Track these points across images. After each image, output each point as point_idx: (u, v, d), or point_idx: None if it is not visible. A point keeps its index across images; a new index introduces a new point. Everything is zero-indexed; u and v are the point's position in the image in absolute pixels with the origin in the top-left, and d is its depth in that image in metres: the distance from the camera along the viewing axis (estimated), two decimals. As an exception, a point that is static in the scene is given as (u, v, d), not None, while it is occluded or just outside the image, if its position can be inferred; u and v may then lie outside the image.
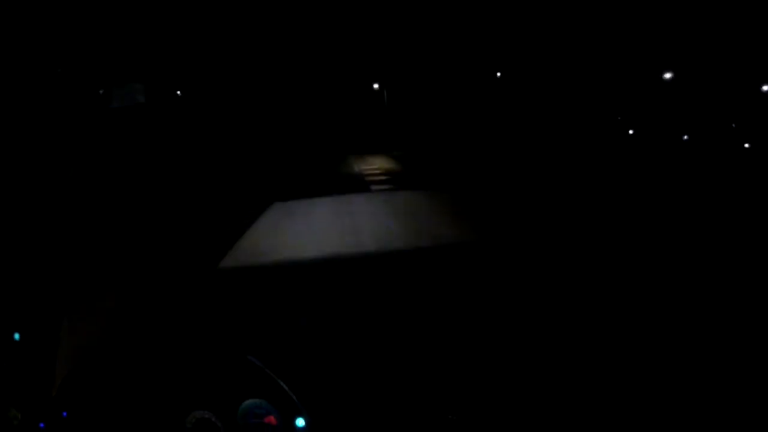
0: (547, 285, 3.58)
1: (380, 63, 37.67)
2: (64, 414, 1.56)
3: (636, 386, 2.31)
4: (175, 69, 32.63)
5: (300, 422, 1.59)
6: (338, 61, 37.25)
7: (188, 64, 33.25)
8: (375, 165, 22.96)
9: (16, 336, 2.09)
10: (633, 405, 2.22)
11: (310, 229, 7.90)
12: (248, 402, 1.62)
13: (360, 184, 15.28)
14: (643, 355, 2.57)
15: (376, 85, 37.04)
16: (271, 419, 1.56)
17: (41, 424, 1.65)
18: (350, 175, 18.83)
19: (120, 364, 1.79)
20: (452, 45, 40.06)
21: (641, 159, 18.32)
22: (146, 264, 5.28)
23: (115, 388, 1.68)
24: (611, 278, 3.77)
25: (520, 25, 40.60)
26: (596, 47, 35.58)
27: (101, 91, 22.64)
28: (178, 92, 40.39)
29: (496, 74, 43.80)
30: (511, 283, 3.63)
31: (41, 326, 2.36)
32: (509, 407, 2.18)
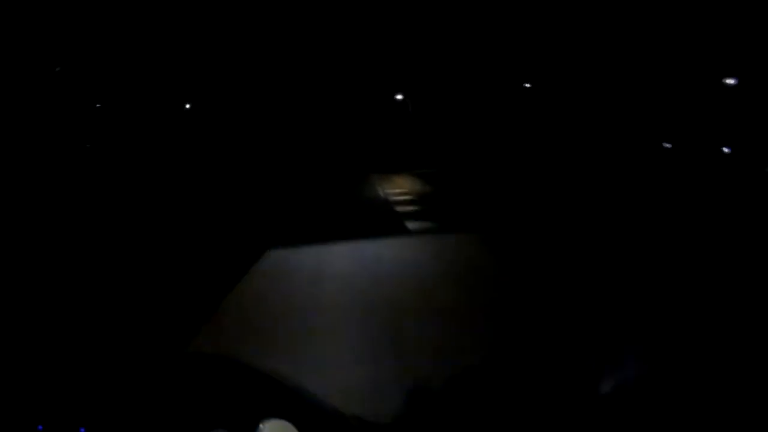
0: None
1: (404, 70, 34.52)
2: (82, 430, 1.43)
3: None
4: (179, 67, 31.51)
5: None
6: (356, 68, 34.30)
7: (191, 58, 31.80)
8: (402, 186, 19.79)
9: None
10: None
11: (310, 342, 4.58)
12: (269, 422, 1.39)
13: (389, 217, 12.08)
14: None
15: (399, 96, 33.87)
16: None
17: (39, 427, 1.49)
18: (375, 201, 15.69)
19: (134, 381, 1.70)
20: (481, 50, 36.84)
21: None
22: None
23: (130, 405, 1.56)
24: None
25: (555, 33, 37.35)
26: (639, 58, 32.16)
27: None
28: (187, 105, 38.55)
29: (524, 84, 40.54)
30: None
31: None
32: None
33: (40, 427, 1.47)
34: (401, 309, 5.04)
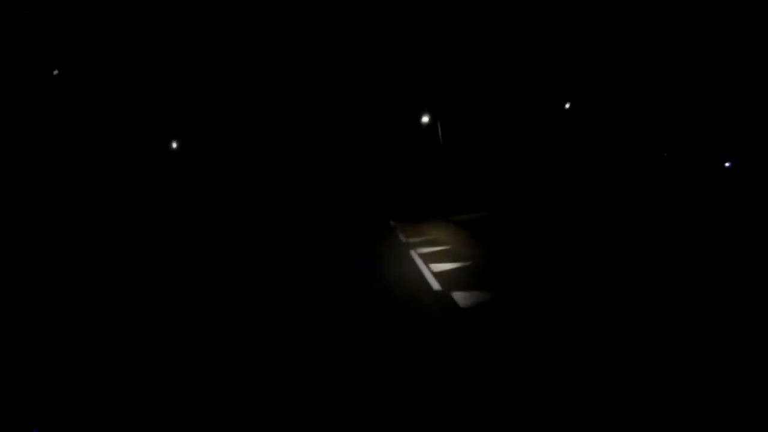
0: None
1: (432, 84, 26.21)
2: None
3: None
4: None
5: None
6: (372, 81, 26.44)
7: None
8: (446, 253, 11.13)
9: None
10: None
11: None
12: None
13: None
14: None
15: (425, 118, 25.47)
16: None
17: (34, 430, 1.87)
18: (412, 282, 7.05)
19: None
20: (527, 65, 28.88)
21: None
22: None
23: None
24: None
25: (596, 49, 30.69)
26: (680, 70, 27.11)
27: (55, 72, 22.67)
28: (174, 144, 33.66)
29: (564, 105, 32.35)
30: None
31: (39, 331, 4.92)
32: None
33: (35, 431, 1.87)
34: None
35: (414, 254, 11.05)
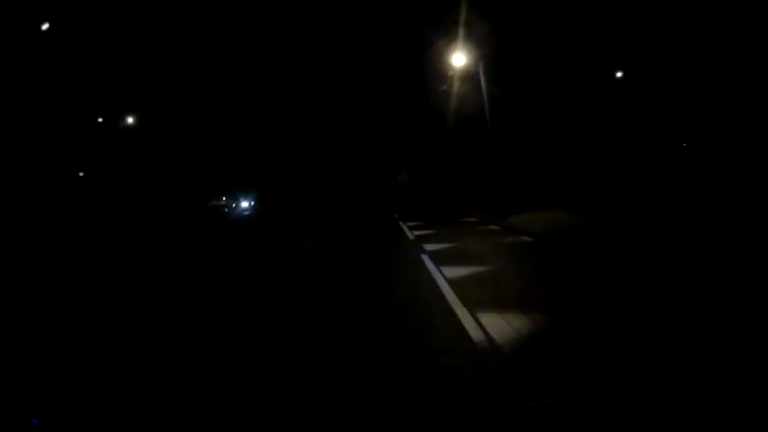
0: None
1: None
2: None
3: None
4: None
5: None
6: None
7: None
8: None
9: None
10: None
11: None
12: None
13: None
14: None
15: (460, 60, 15.74)
16: None
17: (35, 420, 1.64)
18: None
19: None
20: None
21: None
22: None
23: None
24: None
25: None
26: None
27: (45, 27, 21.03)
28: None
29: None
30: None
31: (39, 326, 3.89)
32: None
33: (35, 421, 1.66)
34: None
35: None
